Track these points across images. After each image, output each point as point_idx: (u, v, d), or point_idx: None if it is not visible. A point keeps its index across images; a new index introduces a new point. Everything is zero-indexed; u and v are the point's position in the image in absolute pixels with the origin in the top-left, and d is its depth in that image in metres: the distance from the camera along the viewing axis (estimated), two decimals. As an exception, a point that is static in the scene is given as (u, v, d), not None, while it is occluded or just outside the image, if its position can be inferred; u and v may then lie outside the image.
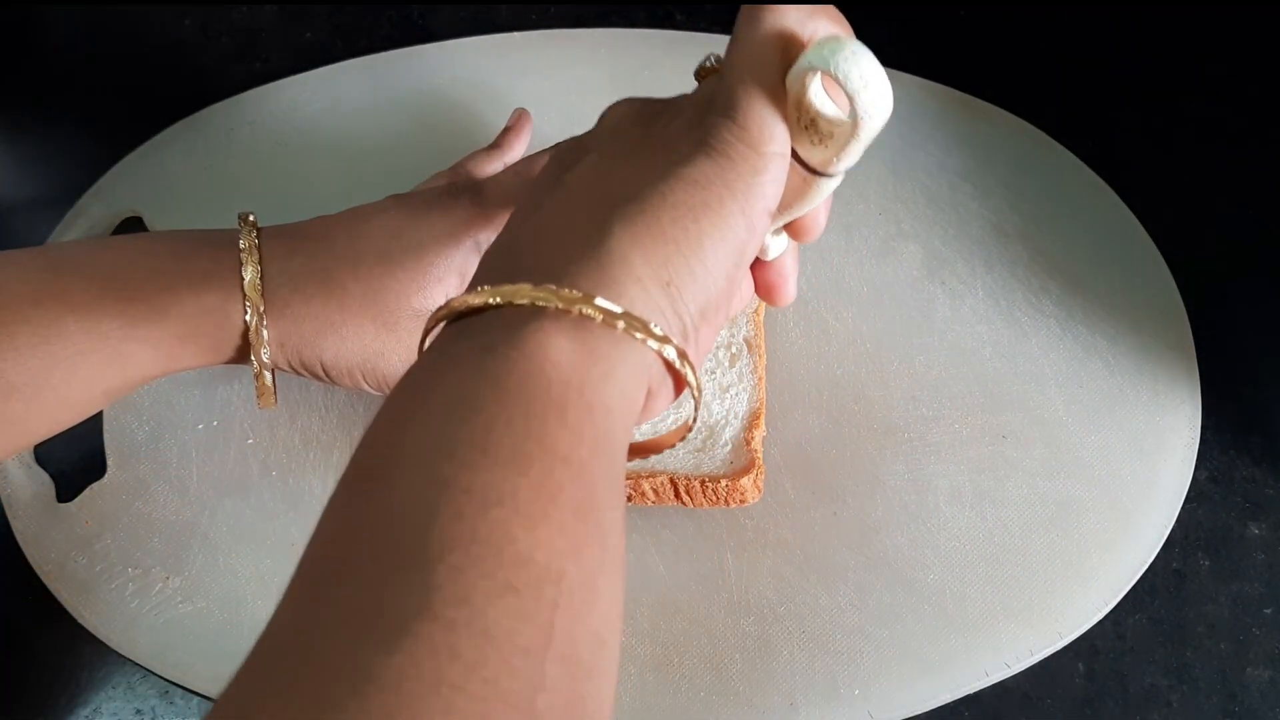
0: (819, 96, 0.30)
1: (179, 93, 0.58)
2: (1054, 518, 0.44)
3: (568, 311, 0.27)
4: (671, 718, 0.41)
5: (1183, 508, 0.45)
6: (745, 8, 0.30)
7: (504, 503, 0.23)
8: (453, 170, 0.47)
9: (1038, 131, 0.53)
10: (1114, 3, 0.59)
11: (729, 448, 0.44)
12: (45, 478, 0.47)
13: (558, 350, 0.26)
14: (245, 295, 0.38)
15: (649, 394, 0.29)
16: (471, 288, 0.29)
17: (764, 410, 0.45)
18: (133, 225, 0.54)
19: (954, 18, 0.59)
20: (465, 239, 0.41)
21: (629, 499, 0.43)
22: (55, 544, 0.46)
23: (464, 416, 0.25)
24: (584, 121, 0.54)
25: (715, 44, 0.57)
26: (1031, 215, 0.51)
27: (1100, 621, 0.43)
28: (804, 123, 0.30)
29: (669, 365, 0.29)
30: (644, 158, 0.31)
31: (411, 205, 0.42)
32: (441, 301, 0.42)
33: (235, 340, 0.39)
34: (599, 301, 0.27)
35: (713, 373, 0.46)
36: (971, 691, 0.42)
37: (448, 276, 0.40)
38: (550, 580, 0.23)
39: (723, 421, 0.45)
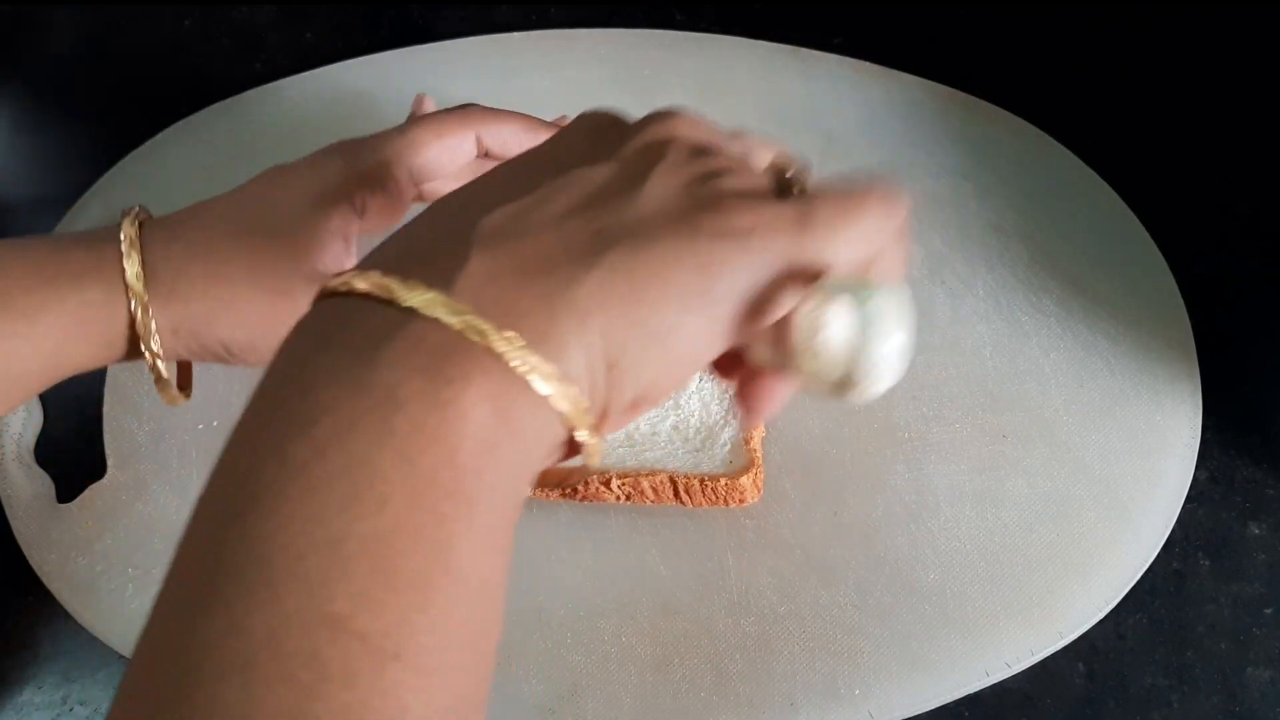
0: (827, 315, 0.26)
1: (179, 93, 0.58)
2: (1054, 518, 0.44)
3: (498, 359, 0.22)
4: (671, 718, 0.41)
5: (1183, 508, 0.45)
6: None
7: (400, 656, 0.20)
8: None
9: (1038, 131, 0.53)
10: (1114, 3, 0.59)
11: (728, 447, 0.44)
12: (45, 478, 0.47)
13: (478, 423, 0.22)
14: (128, 285, 0.37)
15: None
16: (387, 266, 0.24)
17: (764, 410, 0.45)
18: (133, 225, 0.54)
19: (954, 18, 0.59)
20: (341, 199, 0.39)
21: (628, 498, 0.43)
22: (55, 544, 0.46)
23: (365, 512, 0.21)
24: (584, 121, 0.54)
25: (715, 44, 0.57)
26: (1031, 215, 0.51)
27: (1100, 621, 0.43)
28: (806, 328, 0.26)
29: (573, 445, 0.25)
30: (630, 191, 0.26)
31: (285, 171, 0.41)
32: (331, 264, 0.39)
33: (125, 333, 0.38)
34: (540, 365, 0.23)
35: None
36: (971, 691, 0.42)
37: (329, 240, 0.39)
38: None
39: (722, 421, 0.45)
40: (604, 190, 0.26)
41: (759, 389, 0.30)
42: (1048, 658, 0.42)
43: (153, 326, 0.37)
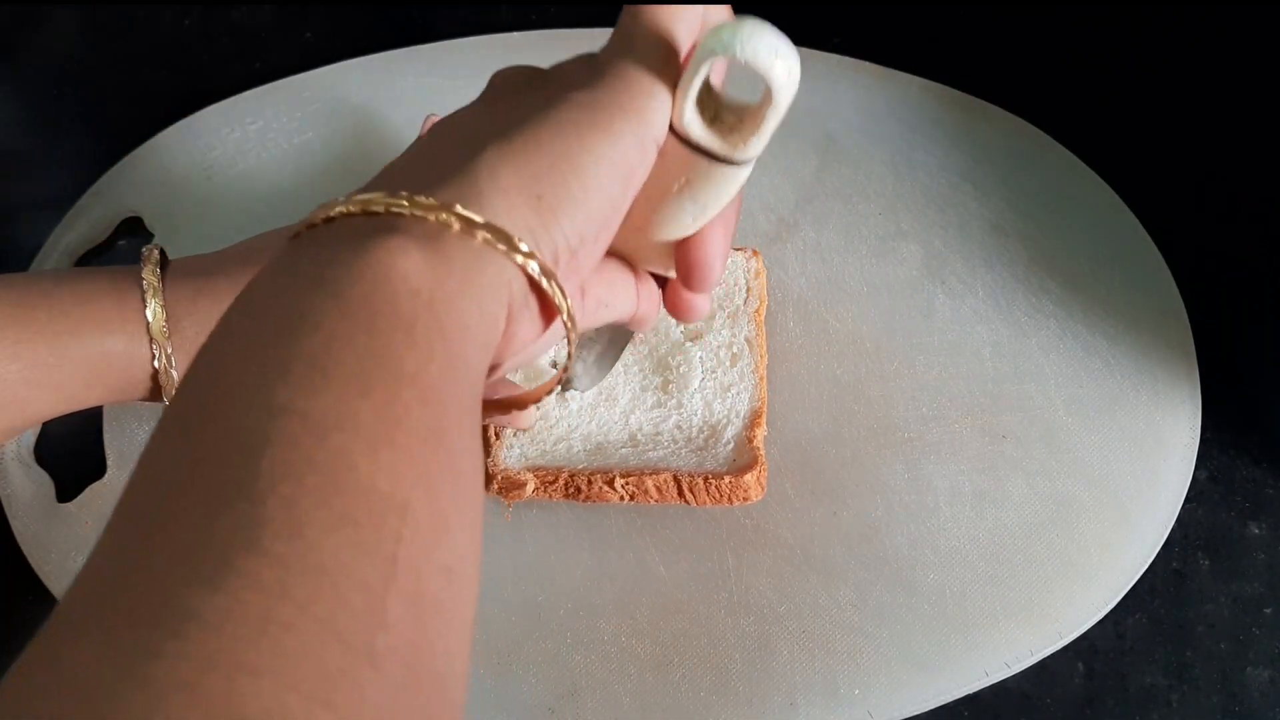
0: (720, 83, 0.30)
1: (179, 93, 0.58)
2: (1054, 518, 0.44)
3: (422, 220, 0.26)
4: (671, 718, 0.41)
5: (1183, 508, 0.45)
6: (628, 8, 0.31)
7: (343, 427, 0.22)
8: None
9: (1038, 131, 0.53)
10: (1114, 3, 0.59)
11: (731, 446, 0.44)
12: (45, 478, 0.47)
13: (407, 261, 0.25)
14: (152, 338, 0.38)
15: (510, 317, 0.28)
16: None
17: (765, 409, 0.45)
18: (133, 225, 0.54)
19: (954, 18, 0.59)
20: None
21: (631, 498, 0.43)
22: (55, 544, 0.46)
23: (301, 334, 0.23)
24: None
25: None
26: (1031, 215, 0.51)
27: (1100, 621, 0.43)
28: (709, 115, 0.29)
29: (534, 284, 0.28)
30: (531, 94, 0.30)
31: None
32: None
33: (145, 381, 0.38)
34: (457, 209, 0.26)
35: (714, 371, 0.46)
36: (971, 691, 0.42)
37: None
38: (394, 510, 0.21)
39: (725, 420, 0.45)
40: (501, 101, 0.31)
41: (691, 256, 0.33)
42: (1047, 658, 0.42)
43: (175, 377, 0.38)
